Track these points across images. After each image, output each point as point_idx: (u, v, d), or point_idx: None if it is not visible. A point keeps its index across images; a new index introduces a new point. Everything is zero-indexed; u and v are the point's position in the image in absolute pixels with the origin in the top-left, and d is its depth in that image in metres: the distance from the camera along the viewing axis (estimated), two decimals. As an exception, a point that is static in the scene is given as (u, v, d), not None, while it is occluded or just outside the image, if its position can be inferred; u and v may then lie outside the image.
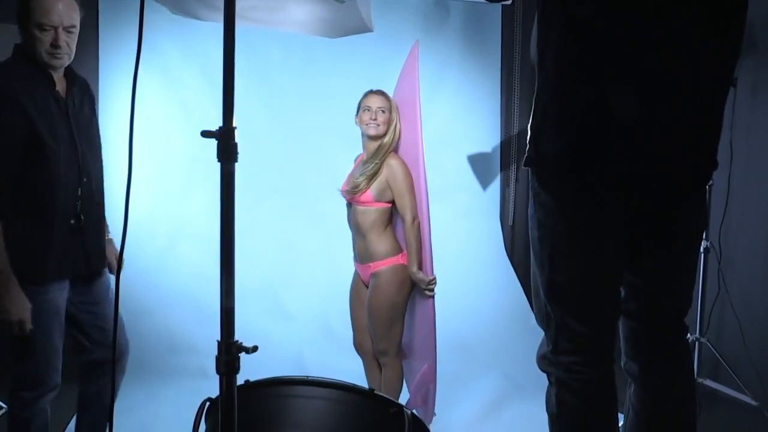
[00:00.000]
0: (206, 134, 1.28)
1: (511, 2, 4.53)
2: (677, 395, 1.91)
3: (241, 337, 1.31)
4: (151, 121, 4.19)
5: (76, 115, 2.35)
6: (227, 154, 1.27)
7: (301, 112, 4.47)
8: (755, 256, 3.61)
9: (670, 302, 1.90)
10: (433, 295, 2.83)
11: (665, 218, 1.79)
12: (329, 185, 3.09)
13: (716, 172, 1.86)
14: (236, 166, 1.29)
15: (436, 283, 2.84)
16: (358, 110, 3.00)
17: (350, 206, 3.01)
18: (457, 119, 4.64)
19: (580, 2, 1.65)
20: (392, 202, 2.92)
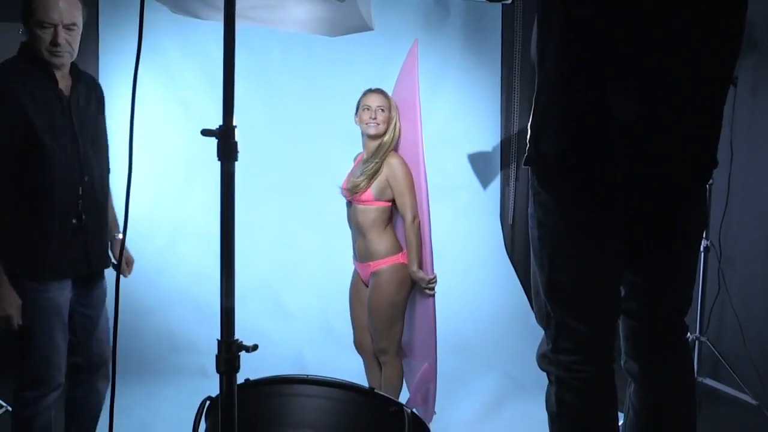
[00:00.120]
0: (206, 133, 1.28)
1: (511, 1, 4.52)
2: (677, 394, 1.91)
3: (241, 335, 1.31)
4: (151, 120, 4.19)
5: (79, 113, 2.34)
6: (227, 153, 1.27)
7: (301, 110, 4.47)
8: (755, 255, 3.61)
9: (670, 302, 1.90)
10: (433, 294, 2.83)
11: (665, 218, 1.79)
12: (329, 184, 3.09)
13: (716, 171, 1.86)
14: (236, 165, 1.29)
15: (436, 282, 2.84)
16: (357, 109, 3.00)
17: (350, 205, 3.00)
18: (457, 118, 4.64)
19: (580, 2, 1.65)
20: (392, 201, 2.92)
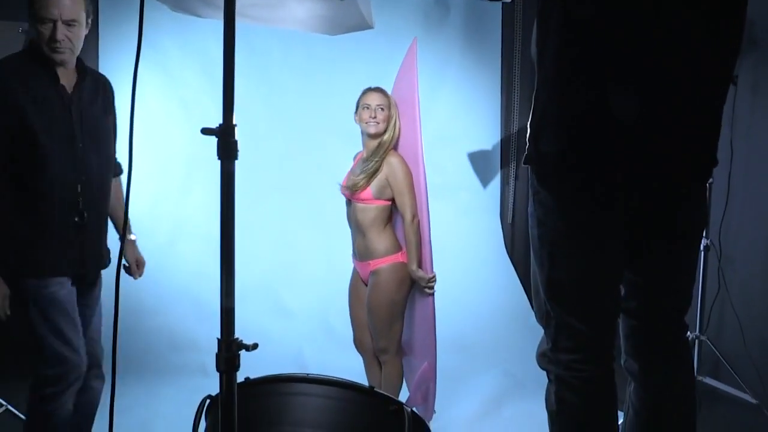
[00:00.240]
0: (206, 132, 1.28)
1: (511, 0, 4.52)
2: (677, 393, 1.91)
3: (241, 334, 1.31)
4: (151, 118, 4.19)
5: (81, 110, 2.33)
6: (227, 151, 1.27)
7: (301, 109, 4.47)
8: (755, 254, 3.61)
9: (670, 301, 1.89)
10: (432, 292, 2.83)
11: (665, 218, 1.79)
12: (329, 183, 3.09)
13: (716, 170, 1.86)
14: (236, 163, 1.29)
15: (435, 280, 2.84)
16: (357, 108, 2.99)
17: (350, 204, 3.00)
18: (457, 117, 4.64)
19: (580, 2, 1.65)
20: (392, 199, 2.92)
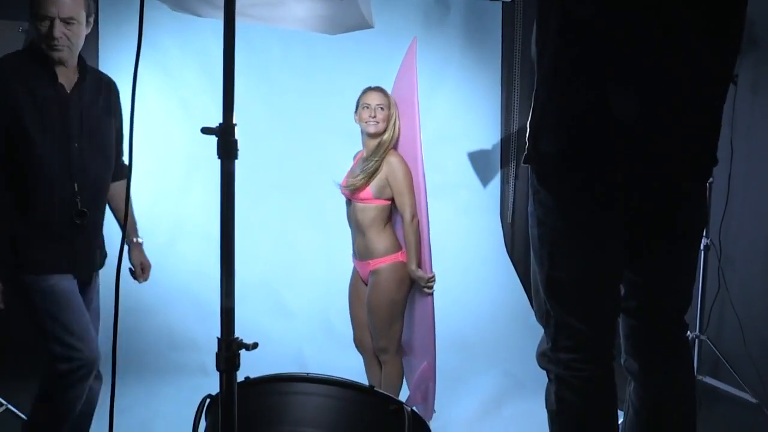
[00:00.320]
0: (206, 131, 1.28)
1: (511, 0, 4.52)
2: (677, 393, 1.91)
3: (241, 334, 1.31)
4: (151, 118, 4.18)
5: (80, 110, 2.32)
6: (227, 151, 1.27)
7: (301, 108, 4.47)
8: (755, 253, 3.61)
9: (670, 301, 1.89)
10: (432, 292, 2.83)
11: (665, 218, 1.79)
12: (329, 182, 3.09)
13: (716, 169, 1.86)
14: (236, 163, 1.29)
15: (435, 280, 2.84)
16: (357, 108, 2.99)
17: (350, 203, 3.00)
18: (457, 116, 4.64)
19: (579, 2, 1.65)
20: (392, 199, 2.92)
